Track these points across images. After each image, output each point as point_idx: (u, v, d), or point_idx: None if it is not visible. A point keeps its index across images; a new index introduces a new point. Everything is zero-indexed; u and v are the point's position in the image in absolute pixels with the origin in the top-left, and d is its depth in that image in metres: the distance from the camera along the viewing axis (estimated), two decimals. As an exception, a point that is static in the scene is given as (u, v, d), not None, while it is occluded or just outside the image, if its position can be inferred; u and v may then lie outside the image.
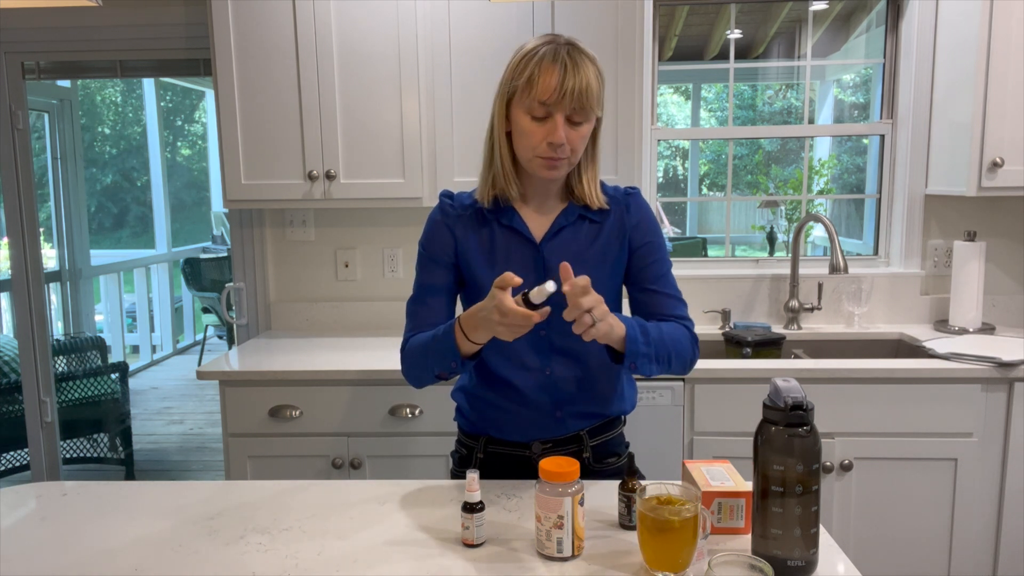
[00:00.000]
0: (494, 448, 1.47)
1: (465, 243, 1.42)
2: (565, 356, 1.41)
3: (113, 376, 3.84)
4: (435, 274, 1.43)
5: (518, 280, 1.18)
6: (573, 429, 1.44)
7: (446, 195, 1.46)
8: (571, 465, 1.13)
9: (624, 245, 1.43)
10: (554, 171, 1.33)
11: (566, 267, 1.19)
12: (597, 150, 1.40)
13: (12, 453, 3.50)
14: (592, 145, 1.39)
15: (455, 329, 1.29)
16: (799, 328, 2.68)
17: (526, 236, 1.40)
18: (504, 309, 1.17)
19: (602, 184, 1.44)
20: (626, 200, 1.43)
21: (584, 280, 1.17)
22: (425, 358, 1.35)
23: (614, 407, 1.48)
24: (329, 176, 2.38)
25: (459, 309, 1.42)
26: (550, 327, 1.36)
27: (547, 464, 1.13)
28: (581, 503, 1.13)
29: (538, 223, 1.41)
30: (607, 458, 1.48)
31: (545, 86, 1.26)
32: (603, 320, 1.20)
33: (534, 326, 1.19)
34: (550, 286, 1.16)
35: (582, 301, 1.17)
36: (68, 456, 3.61)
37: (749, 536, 1.14)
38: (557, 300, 1.21)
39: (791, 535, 1.05)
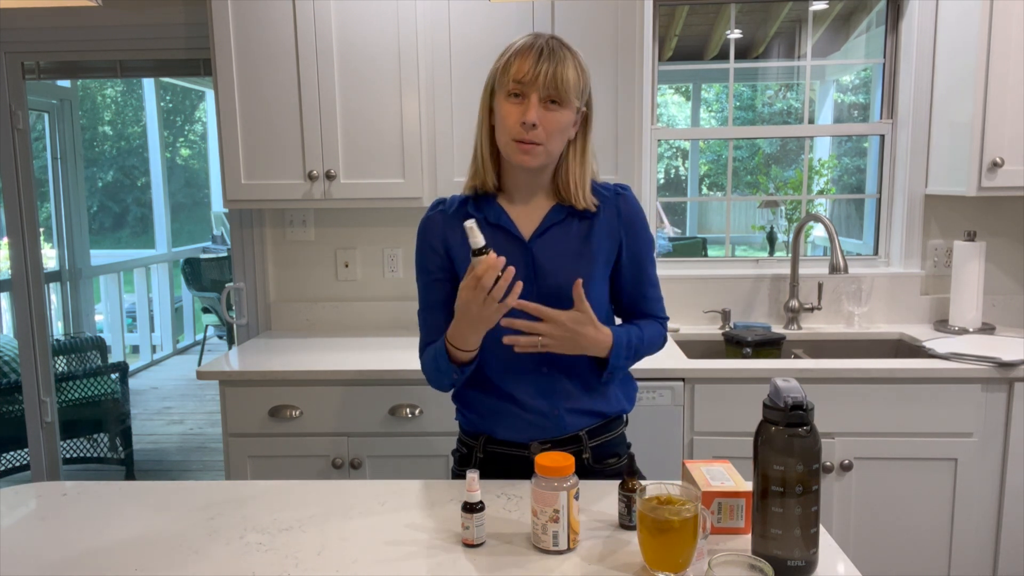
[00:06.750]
0: (493, 448, 1.47)
1: (456, 246, 1.43)
2: (560, 357, 1.42)
3: (113, 376, 3.84)
4: (432, 289, 1.46)
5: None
6: (572, 429, 1.44)
7: (436, 203, 1.49)
8: (566, 460, 1.14)
9: (615, 243, 1.44)
10: (527, 156, 1.34)
11: (578, 286, 1.30)
12: (587, 150, 1.42)
13: (12, 453, 3.50)
14: (581, 144, 1.41)
15: (446, 347, 1.37)
16: (799, 328, 2.68)
17: (514, 234, 1.41)
18: (476, 275, 1.22)
19: (593, 183, 1.45)
20: (616, 199, 1.45)
21: (553, 313, 1.31)
22: (438, 372, 1.43)
23: (613, 405, 1.48)
24: (329, 176, 2.38)
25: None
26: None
27: (542, 459, 1.14)
28: (576, 497, 1.14)
29: (527, 221, 1.42)
30: (607, 459, 1.48)
31: (520, 67, 1.32)
32: (557, 343, 1.33)
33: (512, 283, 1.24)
34: (470, 226, 1.22)
35: (541, 327, 1.31)
36: (68, 456, 3.61)
37: (749, 536, 1.14)
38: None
39: (791, 535, 1.05)
